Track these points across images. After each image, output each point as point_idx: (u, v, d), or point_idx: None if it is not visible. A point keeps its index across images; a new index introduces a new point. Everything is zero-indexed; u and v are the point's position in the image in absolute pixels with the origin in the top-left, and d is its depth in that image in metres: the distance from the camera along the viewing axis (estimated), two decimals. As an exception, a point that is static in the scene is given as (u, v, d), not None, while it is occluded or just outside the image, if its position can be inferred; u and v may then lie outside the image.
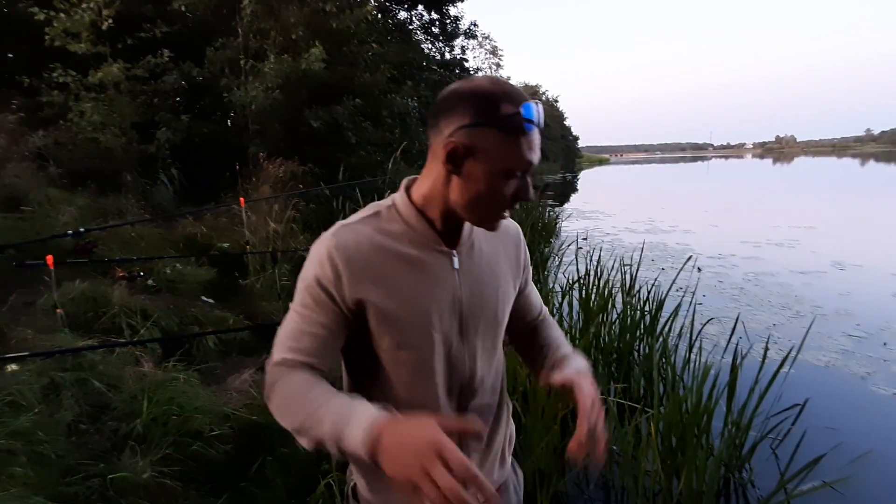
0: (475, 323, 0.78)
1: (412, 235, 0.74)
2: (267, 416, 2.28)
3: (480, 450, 0.82)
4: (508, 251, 0.85)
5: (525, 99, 0.67)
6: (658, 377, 2.51)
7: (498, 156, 0.68)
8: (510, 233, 0.86)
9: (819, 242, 8.02)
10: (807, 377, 3.28)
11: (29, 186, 4.86)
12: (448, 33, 15.57)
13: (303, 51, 6.30)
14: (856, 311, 4.60)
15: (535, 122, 0.67)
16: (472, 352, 0.78)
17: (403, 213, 0.75)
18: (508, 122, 0.66)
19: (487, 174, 0.69)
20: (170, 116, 6.15)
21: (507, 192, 0.70)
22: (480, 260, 0.79)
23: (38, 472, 1.71)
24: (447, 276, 0.75)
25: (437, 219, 0.74)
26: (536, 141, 0.70)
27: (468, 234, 0.79)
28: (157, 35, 5.88)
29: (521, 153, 0.68)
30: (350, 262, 0.71)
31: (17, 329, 2.64)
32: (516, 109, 0.66)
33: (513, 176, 0.69)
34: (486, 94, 0.67)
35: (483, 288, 0.78)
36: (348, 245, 0.71)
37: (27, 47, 6.48)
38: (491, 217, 0.74)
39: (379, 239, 0.73)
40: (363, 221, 0.75)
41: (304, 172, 6.23)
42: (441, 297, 0.74)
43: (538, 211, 8.15)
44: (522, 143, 0.68)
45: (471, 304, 0.77)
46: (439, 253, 0.75)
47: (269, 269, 4.09)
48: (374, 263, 0.72)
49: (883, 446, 2.52)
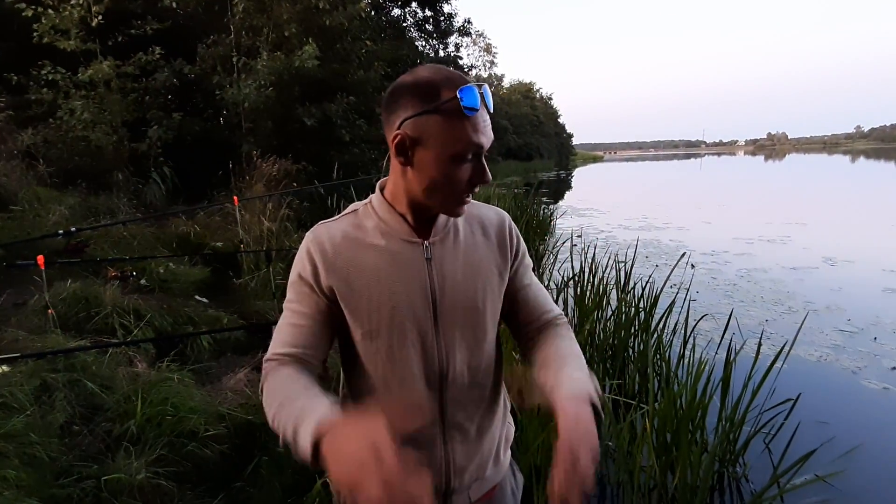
0: (451, 313, 0.77)
1: (383, 228, 0.77)
2: (262, 416, 2.27)
3: (468, 444, 0.81)
4: (491, 240, 0.83)
5: (466, 82, 0.68)
6: (653, 373, 2.53)
7: (444, 141, 0.69)
8: (494, 221, 0.85)
9: (810, 239, 8.10)
10: (799, 372, 3.32)
11: (18, 186, 4.79)
12: (442, 31, 15.53)
13: (296, 48, 6.26)
14: (847, 307, 4.66)
15: (476, 104, 0.68)
16: (450, 342, 0.78)
17: (377, 209, 0.79)
18: (449, 106, 0.67)
19: (437, 161, 0.70)
20: (161, 114, 6.08)
21: (461, 177, 0.71)
22: (457, 250, 0.79)
23: (30, 474, 1.69)
24: (418, 267, 0.76)
25: (407, 211, 0.77)
26: (482, 123, 0.70)
27: (444, 224, 0.79)
28: (148, 32, 5.81)
29: (467, 136, 0.69)
30: (324, 254, 0.75)
31: (8, 330, 2.61)
32: (455, 94, 0.67)
33: (464, 160, 0.70)
34: (427, 83, 0.68)
35: (460, 278, 0.78)
36: (322, 239, 0.76)
37: (14, 44, 6.39)
38: (451, 203, 0.74)
39: (352, 233, 0.77)
40: (340, 219, 0.80)
41: (297, 170, 6.20)
42: (412, 288, 0.75)
43: (533, 208, 8.16)
44: (467, 126, 0.69)
45: (445, 294, 0.77)
46: (410, 244, 0.77)
47: (263, 268, 4.06)
48: (345, 255, 0.75)
49: (874, 440, 2.55)
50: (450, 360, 0.78)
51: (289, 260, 4.43)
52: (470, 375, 0.80)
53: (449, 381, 0.78)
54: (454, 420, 0.80)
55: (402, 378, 0.76)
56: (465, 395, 0.80)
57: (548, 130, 50.20)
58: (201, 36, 6.85)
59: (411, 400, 0.77)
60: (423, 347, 0.76)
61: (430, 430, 0.78)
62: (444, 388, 0.78)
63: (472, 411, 0.81)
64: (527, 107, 44.62)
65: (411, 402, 0.77)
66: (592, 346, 3.01)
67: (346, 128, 7.06)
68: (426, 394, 0.77)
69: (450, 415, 0.79)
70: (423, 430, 0.78)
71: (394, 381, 0.77)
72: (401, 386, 0.77)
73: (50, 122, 5.55)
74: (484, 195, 8.10)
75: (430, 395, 0.78)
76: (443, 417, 0.79)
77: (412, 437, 0.77)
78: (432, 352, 0.77)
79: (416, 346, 0.76)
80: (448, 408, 0.79)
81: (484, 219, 0.84)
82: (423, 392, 0.77)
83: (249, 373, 2.74)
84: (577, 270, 3.57)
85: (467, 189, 0.73)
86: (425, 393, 0.77)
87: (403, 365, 0.76)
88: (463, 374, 0.79)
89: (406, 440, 0.76)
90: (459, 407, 0.80)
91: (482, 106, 0.69)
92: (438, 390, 0.78)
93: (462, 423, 0.80)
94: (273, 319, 3.53)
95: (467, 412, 0.81)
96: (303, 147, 6.86)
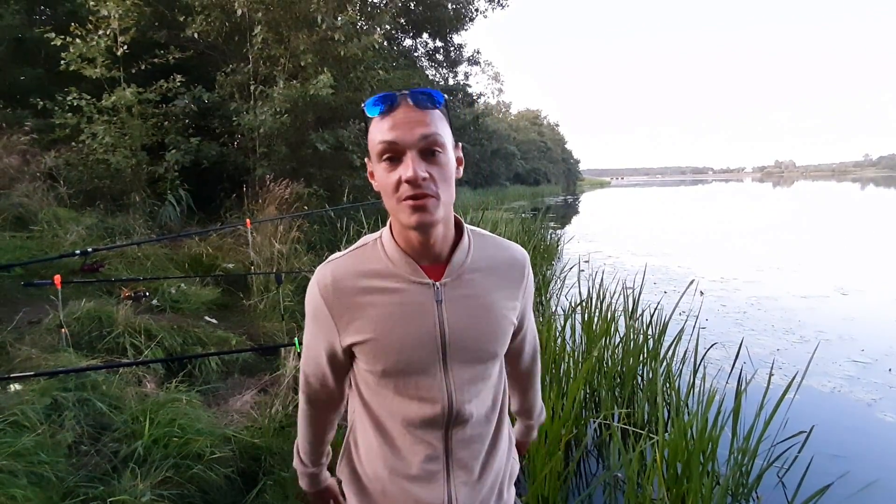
0: (461, 355, 0.77)
1: (391, 270, 0.77)
2: (267, 439, 2.27)
3: (471, 482, 0.81)
4: (509, 280, 0.83)
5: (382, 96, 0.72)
6: (662, 402, 2.50)
7: (371, 147, 0.74)
8: (512, 262, 0.84)
9: (822, 267, 8.02)
10: (812, 403, 3.25)
11: (39, 206, 4.93)
12: (452, 60, 15.95)
13: (311, 77, 6.47)
14: (860, 337, 4.58)
15: (380, 106, 0.71)
16: (458, 384, 0.77)
17: (386, 248, 0.78)
18: (366, 114, 0.73)
19: (376, 168, 0.74)
20: (179, 139, 6.28)
21: (392, 178, 0.71)
22: (470, 291, 0.78)
23: (37, 493, 1.70)
24: (429, 309, 0.76)
25: (408, 247, 0.76)
26: (396, 121, 0.70)
27: (459, 264, 0.78)
28: (170, 61, 6.06)
29: (381, 134, 0.71)
30: (330, 298, 0.77)
31: (22, 348, 2.65)
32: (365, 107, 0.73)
33: (390, 160, 0.71)
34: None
35: (471, 321, 0.78)
36: (327, 282, 0.77)
37: (42, 70, 6.68)
38: (396, 207, 0.72)
39: (359, 274, 0.77)
40: (345, 258, 0.80)
41: (309, 194, 6.31)
42: (422, 331, 0.75)
43: (540, 233, 8.20)
44: (382, 125, 0.71)
45: (455, 336, 0.76)
46: (420, 285, 0.76)
47: (273, 290, 4.11)
48: (352, 298, 0.76)
49: (890, 475, 2.48)
50: (457, 401, 0.77)
51: (298, 282, 4.48)
52: (476, 415, 0.80)
53: (455, 422, 0.78)
54: (459, 459, 0.79)
55: (408, 418, 0.77)
56: (470, 435, 0.80)
57: (555, 156, 50.69)
58: (221, 64, 7.12)
59: (417, 439, 0.77)
60: (431, 389, 0.76)
61: (435, 468, 0.78)
62: (450, 428, 0.78)
63: (478, 450, 0.81)
64: (534, 133, 45.24)
65: (417, 441, 0.77)
66: (601, 373, 2.98)
67: (358, 152, 7.21)
68: (432, 434, 0.78)
69: (455, 454, 0.79)
70: (428, 469, 0.78)
71: (400, 420, 0.77)
72: (407, 425, 0.77)
73: (72, 145, 5.74)
74: (492, 220, 8.17)
75: (436, 435, 0.78)
76: (447, 457, 0.79)
77: (416, 476, 0.77)
78: (440, 394, 0.77)
79: (424, 387, 0.76)
80: (454, 447, 0.79)
81: (503, 259, 0.83)
82: (430, 432, 0.77)
83: (256, 395, 2.75)
84: (585, 296, 3.56)
85: (398, 188, 0.70)
86: (431, 433, 0.78)
87: (410, 405, 0.76)
88: (470, 415, 0.79)
89: (410, 479, 0.77)
90: (464, 446, 0.80)
91: (402, 105, 0.70)
92: (444, 430, 0.78)
93: (467, 462, 0.80)
94: (281, 342, 3.54)
95: (472, 451, 0.81)
96: (315, 171, 7.01)
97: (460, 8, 13.11)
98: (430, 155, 0.70)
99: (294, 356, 2.83)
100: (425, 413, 0.76)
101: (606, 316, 3.35)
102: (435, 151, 0.71)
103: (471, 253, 0.80)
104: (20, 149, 5.60)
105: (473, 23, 13.88)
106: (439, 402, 0.76)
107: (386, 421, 0.79)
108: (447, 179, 0.72)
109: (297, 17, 6.65)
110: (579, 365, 2.88)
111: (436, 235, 0.75)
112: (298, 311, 4.04)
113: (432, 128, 0.70)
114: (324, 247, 5.56)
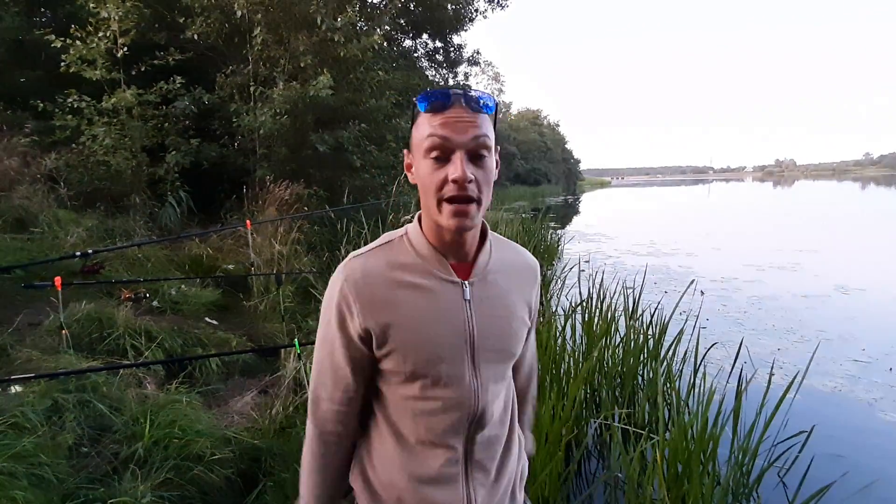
0: (486, 354, 0.77)
1: (422, 266, 0.76)
2: (268, 440, 2.27)
3: (488, 484, 0.81)
4: (525, 283, 0.85)
5: (436, 90, 0.72)
6: (663, 402, 2.49)
7: (417, 142, 0.73)
8: (527, 268, 0.86)
9: (822, 266, 8.01)
10: (813, 403, 3.25)
11: (39, 208, 4.94)
12: (452, 60, 15.94)
13: (311, 78, 6.47)
14: (861, 336, 4.57)
15: (433, 102, 0.70)
16: (484, 383, 0.77)
17: (414, 243, 0.77)
18: (415, 109, 0.72)
19: (418, 163, 0.73)
20: (180, 140, 6.28)
21: (437, 175, 0.70)
22: (495, 291, 0.79)
23: (38, 495, 1.70)
24: (458, 307, 0.76)
25: (439, 243, 0.76)
26: (448, 119, 0.69)
27: (484, 264, 0.79)
28: (170, 62, 6.06)
29: (431, 129, 0.70)
30: (360, 294, 0.74)
31: (23, 350, 2.65)
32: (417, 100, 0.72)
33: (438, 159, 0.70)
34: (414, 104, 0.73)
35: (496, 320, 0.78)
36: (357, 276, 0.75)
37: (42, 72, 6.69)
38: (439, 209, 0.71)
39: (389, 269, 0.75)
40: (374, 252, 0.78)
41: (309, 195, 6.31)
42: (451, 329, 0.75)
43: (540, 233, 8.19)
44: (433, 121, 0.70)
45: (483, 335, 0.77)
46: (450, 283, 0.76)
47: (273, 291, 4.11)
48: (383, 294, 0.74)
49: (891, 475, 2.47)
50: (483, 400, 0.77)
51: (298, 283, 4.48)
52: (497, 415, 0.81)
53: (479, 422, 0.78)
54: (478, 461, 0.79)
55: (433, 420, 0.76)
56: (489, 436, 0.80)
57: (555, 156, 50.67)
58: (220, 66, 7.12)
59: (439, 442, 0.77)
60: (461, 388, 0.76)
61: (454, 471, 0.78)
62: (473, 428, 0.78)
63: (495, 451, 0.82)
64: (534, 133, 45.22)
65: (438, 444, 0.77)
66: (601, 373, 2.98)
67: (358, 154, 7.21)
68: (455, 436, 0.77)
69: (474, 456, 0.79)
70: (447, 472, 0.77)
71: (423, 423, 0.76)
72: (430, 428, 0.76)
73: (73, 147, 5.74)
74: (492, 220, 8.17)
75: (458, 437, 0.77)
76: (467, 457, 0.78)
77: (434, 479, 0.77)
78: (468, 393, 0.76)
79: (452, 387, 0.76)
80: (474, 449, 0.79)
81: (519, 264, 0.85)
82: (452, 433, 0.77)
83: (256, 396, 2.75)
84: (585, 296, 3.56)
85: (443, 187, 0.70)
86: (454, 435, 0.77)
87: (436, 406, 0.76)
88: (492, 415, 0.80)
89: (429, 483, 0.76)
90: (483, 447, 0.80)
91: (456, 105, 0.70)
92: (467, 430, 0.78)
93: (485, 464, 0.80)
94: (281, 343, 3.54)
95: (490, 452, 0.81)
96: (315, 172, 7.01)
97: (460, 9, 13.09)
98: (478, 158, 0.71)
99: (294, 357, 2.83)
100: (451, 414, 0.76)
101: (607, 316, 3.35)
102: (482, 155, 0.71)
103: (492, 254, 0.81)
104: (20, 151, 5.61)
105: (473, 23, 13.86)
106: (466, 402, 0.76)
107: (406, 426, 0.78)
108: (489, 183, 0.73)
109: (297, 18, 6.65)
110: (580, 365, 2.88)
111: (469, 237, 0.76)
112: (299, 312, 4.04)
113: (483, 129, 0.71)
114: (324, 248, 5.56)
